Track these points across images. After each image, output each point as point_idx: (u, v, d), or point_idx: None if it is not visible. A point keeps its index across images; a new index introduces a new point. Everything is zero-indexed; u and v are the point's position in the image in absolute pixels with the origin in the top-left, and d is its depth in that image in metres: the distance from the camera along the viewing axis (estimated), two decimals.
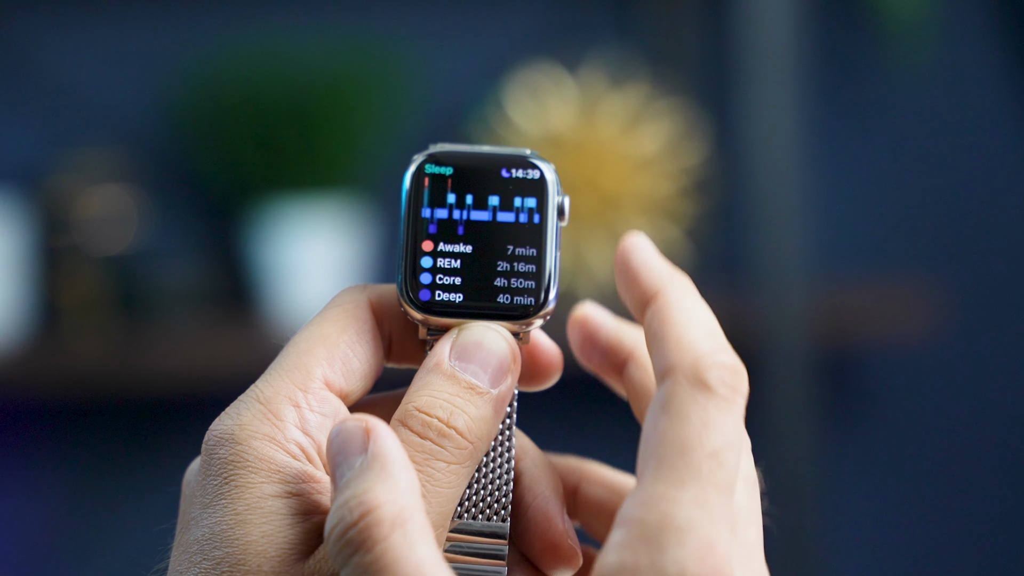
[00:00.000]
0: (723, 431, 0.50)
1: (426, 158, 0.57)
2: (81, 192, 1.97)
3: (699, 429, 0.50)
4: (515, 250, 0.56)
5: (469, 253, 0.56)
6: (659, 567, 0.48)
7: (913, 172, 2.18)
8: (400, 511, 0.49)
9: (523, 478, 0.57)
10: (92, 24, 2.03)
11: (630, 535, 0.49)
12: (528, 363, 0.59)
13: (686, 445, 0.50)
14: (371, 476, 0.50)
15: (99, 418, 2.06)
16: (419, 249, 0.56)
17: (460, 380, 0.54)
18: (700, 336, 0.52)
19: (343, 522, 0.49)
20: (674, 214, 2.04)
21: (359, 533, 0.49)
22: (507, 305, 0.56)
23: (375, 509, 0.49)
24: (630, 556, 0.49)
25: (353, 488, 0.50)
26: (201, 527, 0.53)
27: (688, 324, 0.53)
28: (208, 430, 0.54)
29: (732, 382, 0.51)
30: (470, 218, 0.56)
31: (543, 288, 0.56)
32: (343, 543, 0.49)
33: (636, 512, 0.49)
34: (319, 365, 0.55)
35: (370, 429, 0.51)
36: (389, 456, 0.50)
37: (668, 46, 2.12)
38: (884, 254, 2.19)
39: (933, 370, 2.20)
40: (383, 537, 0.48)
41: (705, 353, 0.51)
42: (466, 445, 0.53)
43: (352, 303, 0.57)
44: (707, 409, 0.50)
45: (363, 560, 0.48)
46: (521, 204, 0.57)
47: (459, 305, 0.56)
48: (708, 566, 0.48)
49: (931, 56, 2.14)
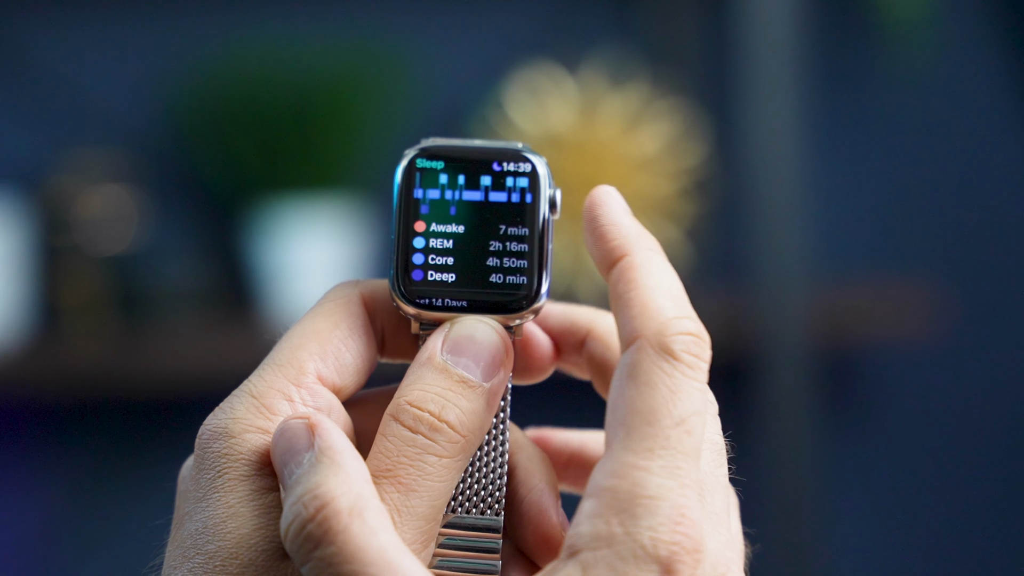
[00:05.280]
0: (690, 398, 0.50)
1: (417, 152, 0.57)
2: (81, 192, 1.97)
3: (666, 397, 0.50)
4: (507, 230, 0.56)
5: (461, 234, 0.56)
6: (632, 536, 0.49)
7: (913, 172, 2.18)
8: (356, 500, 0.49)
9: (517, 471, 0.57)
10: (92, 24, 2.03)
11: (602, 505, 0.49)
12: (521, 357, 0.59)
13: (654, 413, 0.50)
14: (322, 469, 0.50)
15: (99, 418, 2.06)
16: (411, 231, 0.56)
17: (452, 374, 0.54)
18: (665, 302, 0.52)
19: (299, 518, 0.49)
20: (674, 214, 2.04)
21: (317, 527, 0.49)
22: (499, 285, 0.56)
23: (330, 501, 0.49)
24: (603, 526, 0.49)
25: (305, 483, 0.50)
26: (195, 521, 0.53)
27: (653, 289, 0.52)
28: (202, 425, 0.55)
29: (697, 350, 0.51)
30: (462, 199, 0.56)
31: (535, 273, 0.56)
32: (302, 539, 0.49)
33: (607, 481, 0.50)
34: (311, 360, 0.55)
35: (314, 425, 0.52)
36: (336, 448, 0.51)
37: (668, 46, 2.12)
38: (884, 254, 2.19)
39: (933, 370, 2.20)
40: (343, 528, 0.49)
41: (670, 320, 0.51)
42: (458, 439, 0.53)
43: (344, 298, 0.57)
44: (673, 377, 0.51)
45: (325, 553, 0.48)
46: (513, 194, 0.57)
47: (451, 285, 0.56)
48: (680, 534, 0.49)
49: (931, 57, 2.14)
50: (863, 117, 2.17)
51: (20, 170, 2.01)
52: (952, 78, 2.17)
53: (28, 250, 1.96)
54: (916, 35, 2.11)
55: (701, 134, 2.05)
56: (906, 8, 2.09)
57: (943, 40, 2.14)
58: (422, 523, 0.52)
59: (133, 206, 2.00)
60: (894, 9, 2.09)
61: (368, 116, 2.02)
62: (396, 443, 0.53)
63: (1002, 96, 2.18)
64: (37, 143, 2.03)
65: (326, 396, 0.55)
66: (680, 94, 2.05)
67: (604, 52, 2.06)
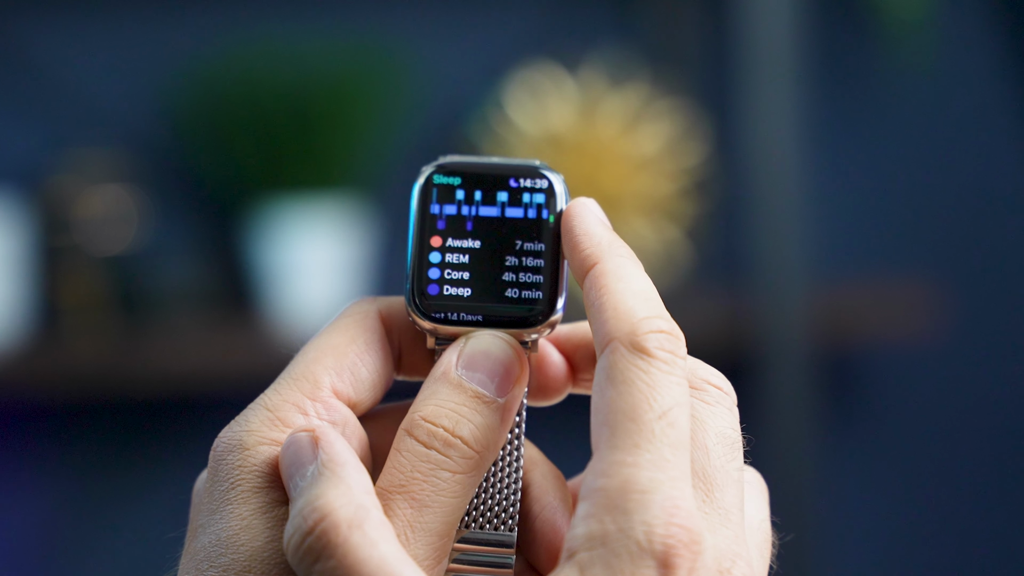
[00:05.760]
0: (669, 392, 0.50)
1: (435, 169, 0.57)
2: (81, 192, 1.97)
3: (645, 393, 0.50)
4: (523, 245, 0.56)
5: (477, 249, 0.56)
6: (627, 532, 0.48)
7: (913, 172, 2.18)
8: (355, 512, 0.49)
9: (531, 488, 0.57)
10: (92, 24, 2.03)
11: (595, 505, 0.49)
12: (536, 376, 0.59)
13: (635, 410, 0.50)
14: (323, 482, 0.50)
15: (99, 418, 2.06)
16: (427, 246, 0.56)
17: (467, 389, 0.54)
18: (636, 304, 0.52)
19: (299, 531, 0.49)
20: (674, 214, 2.04)
21: (317, 540, 0.49)
22: (515, 300, 0.56)
23: (330, 514, 0.49)
24: (597, 525, 0.49)
25: (306, 496, 0.50)
26: (208, 533, 0.53)
27: (624, 293, 0.52)
28: (216, 438, 0.54)
29: (671, 346, 0.51)
30: (479, 214, 0.57)
31: (550, 288, 0.56)
32: (303, 552, 0.49)
33: (597, 482, 0.49)
34: (327, 374, 0.55)
35: (319, 437, 0.51)
36: (338, 460, 0.51)
37: (668, 46, 2.12)
38: (884, 254, 2.19)
39: (933, 370, 2.20)
40: (342, 540, 0.48)
41: (641, 320, 0.51)
42: (472, 455, 0.53)
43: (362, 314, 0.57)
44: (650, 373, 0.51)
45: (326, 567, 0.48)
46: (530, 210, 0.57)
47: (467, 300, 0.56)
48: (676, 526, 0.48)
49: (931, 56, 2.14)
50: (863, 117, 2.17)
51: (20, 170, 2.01)
52: (952, 78, 2.17)
53: (28, 250, 1.95)
54: (916, 35, 2.11)
55: (701, 134, 2.05)
56: (906, 8, 2.09)
57: (943, 40, 2.14)
58: (435, 539, 0.52)
59: (133, 206, 2.00)
60: (894, 9, 2.09)
61: (368, 116, 2.01)
62: (410, 458, 0.53)
63: (1002, 96, 2.18)
64: (37, 143, 2.02)
65: (341, 410, 0.55)
66: (680, 94, 2.05)
67: (604, 52, 2.06)
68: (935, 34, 2.13)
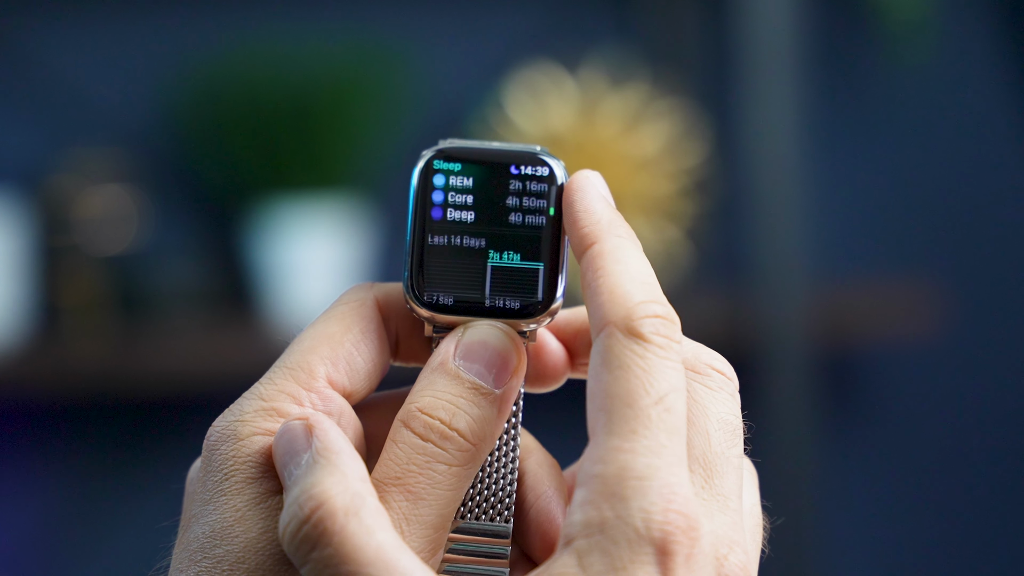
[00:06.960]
0: (665, 377, 0.50)
1: (435, 154, 0.56)
2: (81, 192, 1.97)
3: (641, 378, 0.50)
4: (523, 232, 0.56)
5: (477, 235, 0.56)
6: (624, 518, 0.48)
7: (913, 172, 2.18)
8: (351, 499, 0.49)
9: (526, 477, 0.56)
10: (92, 24, 2.03)
11: (592, 491, 0.49)
12: (534, 364, 0.59)
13: (631, 395, 0.50)
14: (318, 470, 0.50)
15: (99, 418, 2.06)
16: (426, 231, 0.56)
17: (464, 380, 0.53)
18: (633, 288, 0.52)
19: (295, 519, 0.49)
20: (674, 214, 2.04)
21: (313, 528, 0.48)
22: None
23: (326, 501, 0.48)
24: (595, 512, 0.48)
25: (301, 484, 0.49)
26: (202, 524, 0.52)
27: (621, 275, 0.52)
28: (210, 427, 0.54)
29: (666, 331, 0.51)
30: (478, 208, 0.56)
31: (549, 280, 0.56)
32: (299, 540, 0.49)
33: (594, 468, 0.49)
34: (322, 363, 0.54)
35: (312, 425, 0.51)
36: (333, 448, 0.50)
37: (668, 46, 2.12)
38: (884, 254, 2.19)
39: (933, 370, 2.20)
40: (339, 528, 0.48)
41: (637, 305, 0.51)
42: (468, 447, 0.53)
43: (358, 301, 0.56)
44: (645, 358, 0.50)
45: (323, 555, 0.48)
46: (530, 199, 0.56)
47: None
48: (674, 512, 0.48)
49: (931, 56, 2.14)
50: (863, 117, 2.17)
51: (20, 170, 2.01)
52: (952, 78, 2.17)
53: (28, 250, 1.95)
54: (916, 35, 2.11)
55: (701, 134, 2.05)
56: (906, 8, 2.09)
57: (943, 40, 2.14)
58: (430, 531, 0.52)
59: (133, 206, 2.00)
60: (894, 9, 2.09)
61: (368, 116, 2.01)
62: (406, 450, 0.52)
63: (1002, 96, 2.18)
64: (37, 143, 2.02)
65: (336, 400, 0.54)
66: (680, 94, 2.05)
67: (604, 52, 2.06)
68: (935, 34, 2.13)
